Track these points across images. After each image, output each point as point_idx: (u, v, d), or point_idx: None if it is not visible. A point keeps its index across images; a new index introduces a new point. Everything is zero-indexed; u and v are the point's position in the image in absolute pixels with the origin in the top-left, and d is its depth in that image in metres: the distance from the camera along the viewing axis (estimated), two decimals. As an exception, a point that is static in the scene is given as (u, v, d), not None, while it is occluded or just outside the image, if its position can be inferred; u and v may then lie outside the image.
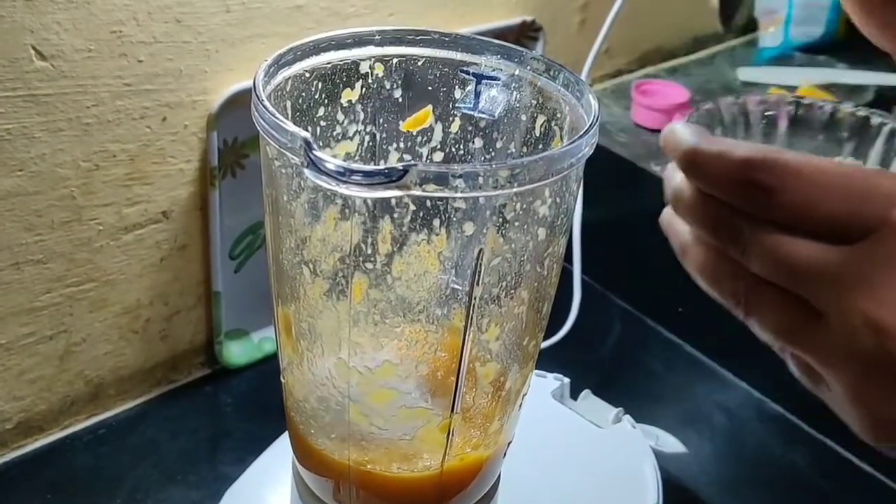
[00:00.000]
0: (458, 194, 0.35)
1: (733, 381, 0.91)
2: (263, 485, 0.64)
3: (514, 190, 0.36)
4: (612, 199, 0.99)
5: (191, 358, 0.85)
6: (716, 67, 1.11)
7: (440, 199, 0.39)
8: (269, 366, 0.87)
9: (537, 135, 0.45)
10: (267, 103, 0.38)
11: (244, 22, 0.73)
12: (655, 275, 0.97)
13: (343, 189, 0.34)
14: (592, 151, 0.39)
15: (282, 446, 0.69)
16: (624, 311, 0.99)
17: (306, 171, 0.35)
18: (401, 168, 0.34)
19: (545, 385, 0.69)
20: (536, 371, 0.72)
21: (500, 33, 0.91)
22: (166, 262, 0.78)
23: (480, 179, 0.35)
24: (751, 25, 1.21)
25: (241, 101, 0.74)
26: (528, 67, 0.45)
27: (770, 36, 1.16)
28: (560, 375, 0.71)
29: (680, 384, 0.91)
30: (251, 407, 0.83)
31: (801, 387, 0.86)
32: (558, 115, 0.44)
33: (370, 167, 0.34)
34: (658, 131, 0.99)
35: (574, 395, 0.72)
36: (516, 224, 0.38)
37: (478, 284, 0.39)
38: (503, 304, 0.40)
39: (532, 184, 0.37)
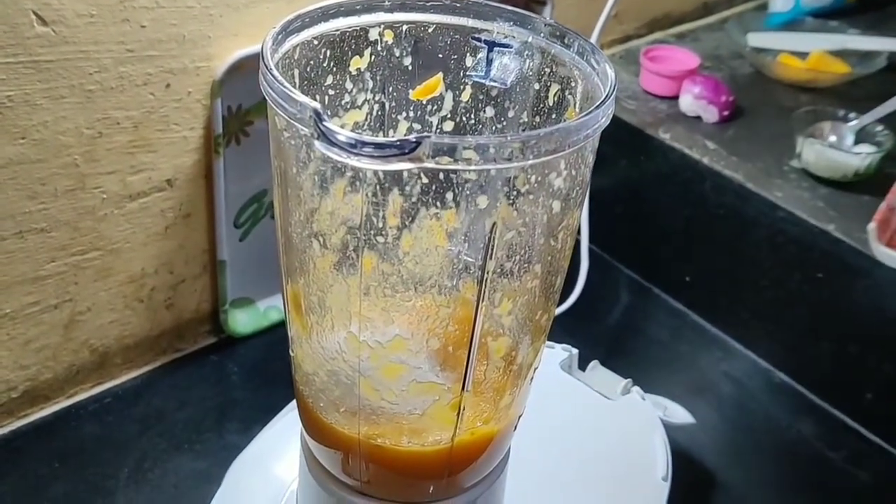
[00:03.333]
0: (472, 167, 0.34)
1: (740, 351, 0.90)
2: (271, 455, 0.64)
3: (529, 162, 0.35)
4: (619, 167, 0.98)
5: (196, 327, 0.84)
6: (725, 33, 1.09)
7: (452, 171, 0.38)
8: (274, 334, 0.87)
9: (550, 104, 0.44)
10: (276, 72, 0.37)
11: (248, -14, 0.72)
12: (663, 243, 0.97)
13: (354, 161, 0.34)
14: (609, 121, 0.38)
15: (289, 416, 0.68)
16: (631, 280, 0.98)
17: (316, 143, 0.34)
18: (413, 140, 0.33)
19: (554, 356, 0.68)
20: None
21: (507, -2, 0.89)
22: (171, 230, 0.77)
23: (494, 151, 0.34)
24: (761, -10, 1.19)
25: (245, 68, 0.73)
26: (542, 35, 0.44)
27: (781, 0, 1.14)
28: (569, 346, 0.70)
29: (687, 354, 0.90)
30: (257, 376, 0.83)
31: (808, 356, 0.86)
32: (572, 84, 0.43)
33: (382, 139, 0.33)
34: (667, 98, 0.98)
35: (582, 365, 0.72)
36: (531, 197, 0.38)
37: (491, 258, 0.38)
38: (516, 278, 0.40)
39: (548, 156, 0.36)
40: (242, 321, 0.85)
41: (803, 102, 0.99)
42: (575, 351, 0.70)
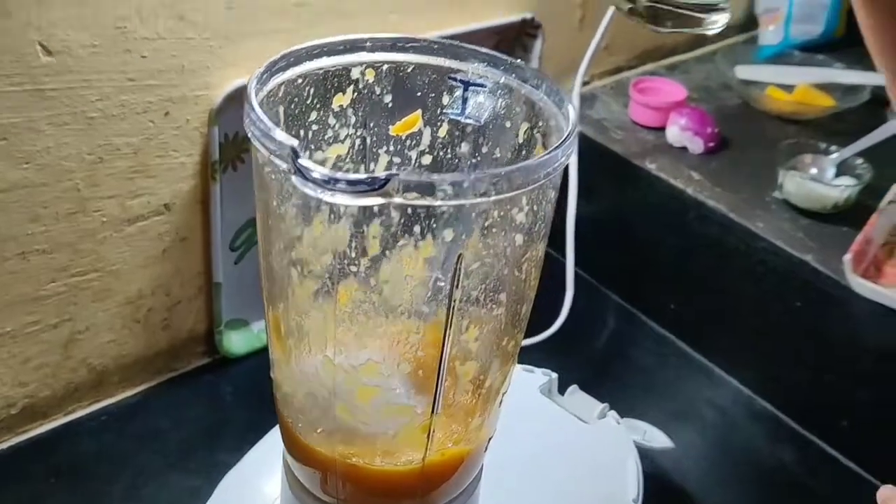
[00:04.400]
0: (439, 202, 0.37)
1: (723, 378, 0.92)
2: (257, 474, 0.66)
3: (493, 198, 0.38)
4: (607, 195, 1.00)
5: (191, 347, 0.87)
6: (715, 65, 1.12)
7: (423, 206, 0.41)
8: (267, 355, 0.89)
9: (521, 141, 0.47)
10: (258, 110, 0.39)
11: (246, 18, 0.74)
12: (649, 270, 0.99)
13: (328, 197, 0.36)
14: (568, 161, 0.41)
15: (276, 437, 0.70)
16: (617, 305, 1.00)
17: (293, 179, 0.37)
18: (383, 177, 0.36)
19: (533, 380, 0.71)
20: (525, 366, 0.74)
21: (499, 30, 0.92)
22: (168, 253, 0.80)
23: (460, 188, 0.37)
24: (751, 23, 1.22)
25: (242, 97, 0.76)
26: (514, 76, 0.47)
27: (770, 33, 1.17)
28: (548, 371, 0.72)
29: (670, 379, 0.92)
30: (250, 396, 0.85)
31: (787, 383, 0.88)
32: (539, 124, 0.46)
33: (354, 176, 0.36)
34: (654, 129, 1.01)
35: (563, 389, 0.74)
36: (494, 230, 0.40)
37: (457, 287, 0.40)
38: (483, 306, 0.42)
39: (510, 192, 0.38)
40: (236, 342, 0.87)
41: (789, 134, 1.01)
42: (554, 375, 0.72)
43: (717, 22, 0.45)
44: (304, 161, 0.36)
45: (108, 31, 0.68)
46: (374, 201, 0.36)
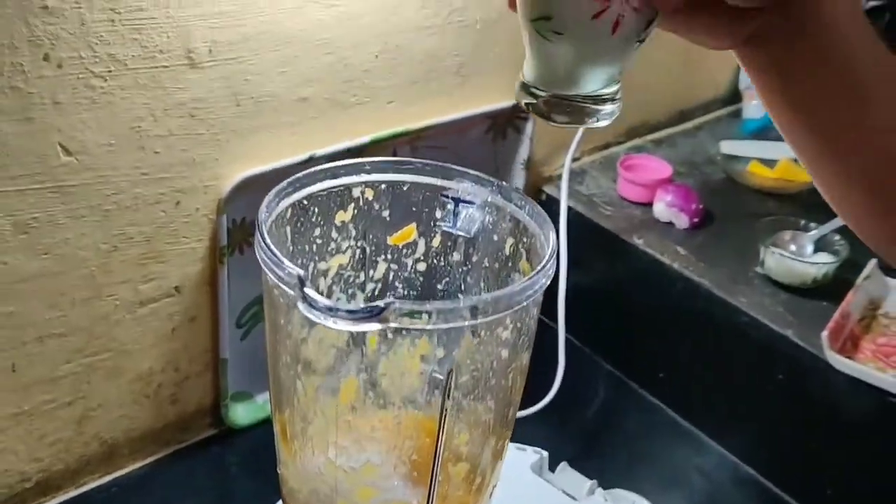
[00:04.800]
0: (430, 326, 0.41)
1: (711, 445, 0.96)
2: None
3: (479, 321, 0.42)
4: (597, 267, 1.04)
5: (198, 419, 0.90)
6: (700, 140, 1.17)
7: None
8: (271, 426, 0.92)
9: (507, 253, 0.51)
10: (268, 240, 0.44)
11: (253, 114, 0.79)
12: (638, 340, 1.03)
13: (331, 323, 0.40)
14: (550, 281, 0.45)
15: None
16: (608, 372, 1.04)
17: (299, 305, 0.41)
18: (381, 306, 0.40)
19: (525, 458, 0.74)
20: (517, 444, 0.77)
21: (492, 115, 0.97)
22: (177, 332, 0.84)
23: (449, 314, 0.41)
24: (735, 97, 1.27)
25: (249, 186, 0.80)
26: (500, 195, 0.51)
27: (754, 107, 1.22)
28: (539, 449, 0.76)
29: (659, 447, 0.96)
30: (255, 466, 0.88)
31: (772, 452, 0.91)
32: (524, 240, 0.50)
33: (354, 306, 0.40)
34: (641, 204, 1.05)
35: (554, 465, 0.77)
36: (481, 348, 0.44)
37: (449, 398, 0.44)
38: (472, 413, 0.46)
39: (495, 314, 0.42)
40: (241, 414, 0.91)
41: (770, 209, 1.06)
42: (545, 453, 0.76)
43: (612, 114, 0.47)
44: (309, 290, 0.41)
45: (123, 130, 0.72)
46: (372, 327, 0.40)
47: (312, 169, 0.50)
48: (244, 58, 0.76)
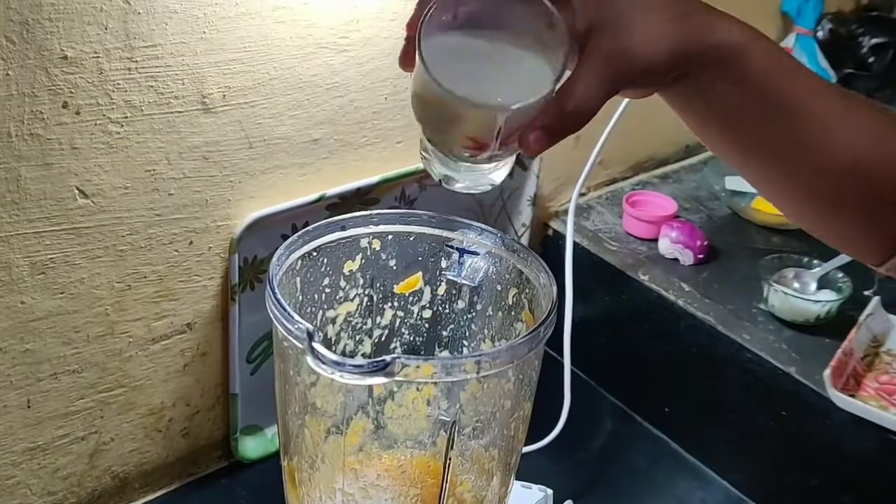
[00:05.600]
0: (434, 380, 0.42)
1: (716, 479, 0.97)
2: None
3: (483, 374, 0.43)
4: (602, 302, 1.06)
5: (209, 452, 0.92)
6: (704, 176, 1.18)
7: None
8: (280, 459, 0.94)
9: (510, 303, 0.53)
10: (279, 294, 0.45)
11: (265, 156, 0.81)
12: (643, 374, 1.04)
13: (338, 377, 0.42)
14: (551, 331, 0.46)
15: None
16: (613, 405, 1.05)
17: (308, 359, 0.43)
18: (387, 360, 0.42)
19: (530, 496, 0.75)
20: (523, 482, 0.78)
21: (499, 153, 0.99)
22: (189, 367, 0.86)
23: (452, 367, 0.42)
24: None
25: (260, 225, 0.82)
26: (504, 246, 0.53)
27: (758, 143, 1.23)
28: (544, 487, 0.77)
29: (665, 482, 0.97)
30: (264, 499, 0.89)
31: (776, 487, 0.92)
32: (526, 290, 0.51)
33: (361, 361, 0.42)
34: (646, 240, 1.07)
35: (558, 503, 0.78)
36: (485, 398, 0.46)
37: (452, 448, 0.46)
38: (475, 462, 0.47)
39: (498, 368, 0.44)
40: (251, 447, 0.92)
41: (774, 245, 1.07)
42: (549, 491, 0.77)
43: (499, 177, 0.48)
44: (318, 346, 0.42)
45: (138, 174, 0.74)
46: (378, 381, 0.42)
47: (322, 222, 0.51)
48: (256, 102, 0.78)
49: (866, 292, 0.96)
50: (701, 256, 1.03)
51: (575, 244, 1.00)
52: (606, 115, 0.89)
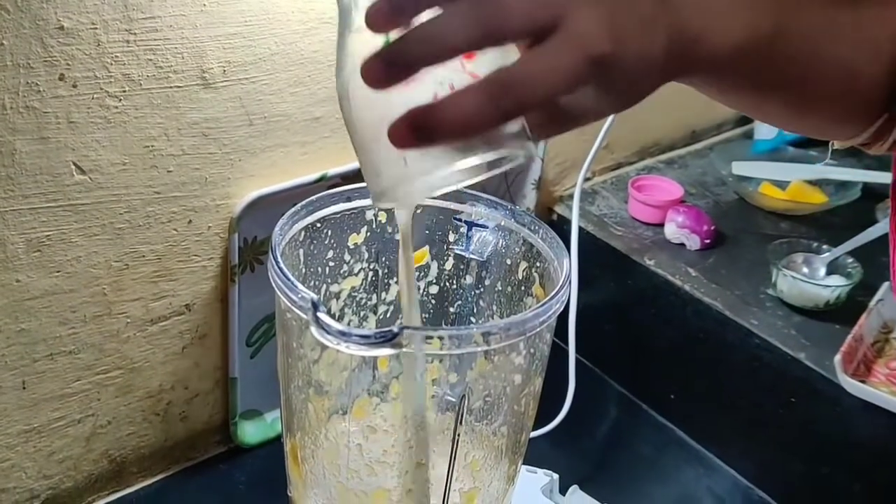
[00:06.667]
0: (443, 351, 0.41)
1: (722, 467, 0.95)
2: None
3: (492, 346, 0.42)
4: (607, 288, 1.04)
5: (207, 437, 0.90)
6: (711, 161, 1.17)
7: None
8: (279, 444, 0.92)
9: (520, 277, 0.51)
10: (282, 265, 0.44)
11: (265, 133, 0.79)
12: (649, 360, 1.02)
13: (343, 348, 0.40)
14: (563, 306, 0.45)
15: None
16: (618, 393, 1.03)
17: (312, 329, 0.41)
18: (394, 331, 0.40)
19: (535, 481, 0.74)
20: (528, 467, 0.77)
21: (504, 135, 0.97)
22: (188, 350, 0.84)
23: (462, 339, 0.41)
24: (746, 118, 1.27)
25: (260, 204, 0.81)
26: (513, 219, 0.51)
27: (765, 129, 1.22)
28: (550, 471, 0.76)
29: (671, 469, 0.95)
30: (263, 484, 0.88)
31: (784, 474, 0.91)
32: (537, 264, 0.50)
33: (367, 330, 0.40)
34: (652, 225, 1.05)
35: (564, 488, 0.77)
36: (494, 373, 0.44)
37: (461, 423, 0.44)
38: (484, 438, 0.46)
39: (509, 341, 0.42)
40: (250, 432, 0.91)
41: (782, 230, 1.05)
42: (556, 476, 0.75)
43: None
44: (322, 315, 0.40)
45: (137, 149, 0.72)
46: (385, 352, 0.40)
47: (326, 192, 0.50)
48: (257, 78, 0.76)
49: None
50: (708, 241, 1.01)
51: (580, 229, 0.98)
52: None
